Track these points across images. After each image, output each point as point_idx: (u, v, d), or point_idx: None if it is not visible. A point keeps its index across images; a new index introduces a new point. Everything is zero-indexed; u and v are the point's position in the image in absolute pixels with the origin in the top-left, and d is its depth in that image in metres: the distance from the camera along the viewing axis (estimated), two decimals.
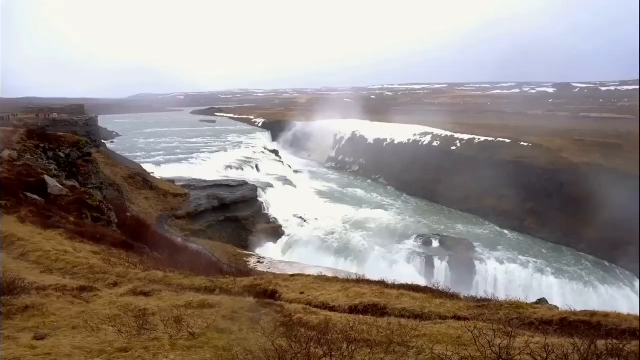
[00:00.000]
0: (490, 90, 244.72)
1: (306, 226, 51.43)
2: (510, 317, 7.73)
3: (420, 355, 5.39)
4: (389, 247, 45.55)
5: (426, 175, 71.47)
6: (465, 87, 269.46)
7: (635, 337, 6.60)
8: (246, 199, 49.57)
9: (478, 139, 71.78)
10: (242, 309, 8.18)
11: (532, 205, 55.84)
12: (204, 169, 62.30)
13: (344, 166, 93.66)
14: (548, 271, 42.44)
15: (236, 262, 31.04)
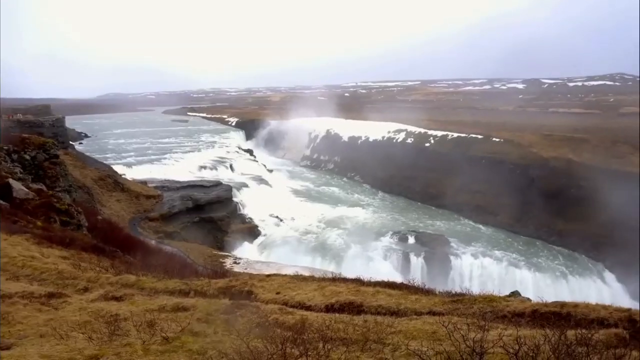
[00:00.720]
0: (462, 87, 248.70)
1: (282, 226, 51.26)
2: (484, 311, 7.85)
3: (396, 352, 5.42)
4: (366, 244, 45.77)
5: (401, 172, 72.18)
6: (438, 84, 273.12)
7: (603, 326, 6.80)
8: (221, 200, 49.08)
9: (451, 136, 72.85)
10: (217, 311, 8.09)
11: (505, 200, 56.98)
12: (177, 170, 61.40)
13: (319, 164, 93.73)
14: (522, 265, 43.37)
15: (212, 264, 30.67)
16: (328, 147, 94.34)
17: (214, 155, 75.37)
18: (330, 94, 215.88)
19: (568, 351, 4.34)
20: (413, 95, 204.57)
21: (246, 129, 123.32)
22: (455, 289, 11.63)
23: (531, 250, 47.92)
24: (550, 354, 4.38)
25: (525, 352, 4.33)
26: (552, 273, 42.54)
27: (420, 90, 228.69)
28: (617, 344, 5.60)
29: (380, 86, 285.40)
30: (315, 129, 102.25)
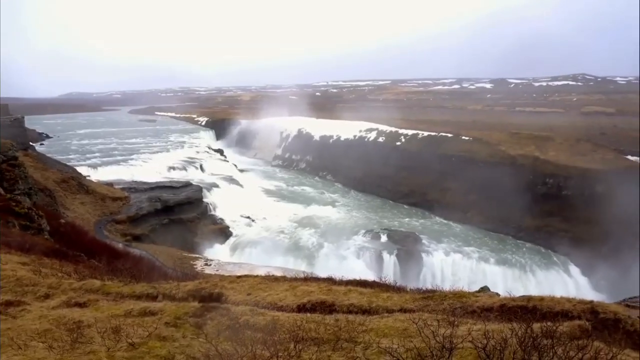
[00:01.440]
0: (431, 87, 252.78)
1: (254, 226, 50.91)
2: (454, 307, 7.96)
3: (367, 350, 5.41)
4: (339, 243, 45.91)
5: (373, 171, 72.73)
6: (408, 84, 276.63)
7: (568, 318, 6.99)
8: (191, 201, 48.37)
9: (422, 134, 73.85)
10: (186, 314, 7.96)
11: (474, 197, 58.15)
12: (145, 171, 60.18)
13: (291, 164, 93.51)
14: (491, 260, 44.29)
15: (182, 266, 30.19)
16: (300, 146, 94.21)
17: (184, 156, 74.27)
18: (302, 93, 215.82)
19: (534, 344, 4.41)
20: (384, 95, 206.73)
21: (216, 128, 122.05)
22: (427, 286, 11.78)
23: (500, 246, 49.01)
24: (517, 347, 4.44)
25: (493, 346, 4.38)
26: (520, 268, 43.63)
27: (391, 90, 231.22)
28: (581, 335, 5.75)
29: (352, 85, 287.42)
30: (287, 129, 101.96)
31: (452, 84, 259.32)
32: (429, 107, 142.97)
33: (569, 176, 52.67)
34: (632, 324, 7.65)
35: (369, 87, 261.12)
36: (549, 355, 4.35)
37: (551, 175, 53.90)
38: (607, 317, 7.88)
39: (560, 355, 4.38)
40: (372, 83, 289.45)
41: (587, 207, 49.38)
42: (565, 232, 48.88)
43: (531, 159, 57.55)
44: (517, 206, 53.06)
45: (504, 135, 67.17)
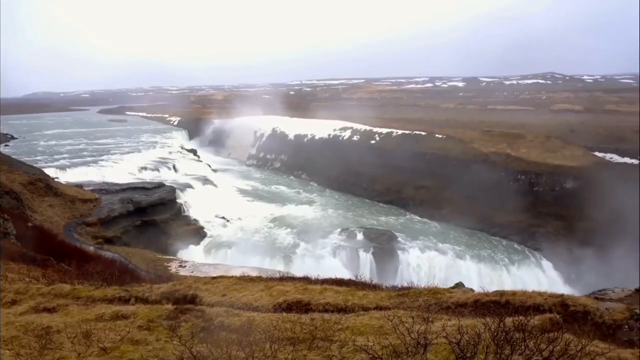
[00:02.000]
0: (405, 85, 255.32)
1: (229, 226, 50.47)
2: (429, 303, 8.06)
3: (343, 349, 5.42)
4: (315, 242, 45.94)
5: (348, 169, 73.03)
6: (382, 82, 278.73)
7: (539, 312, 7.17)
8: (164, 201, 47.64)
9: (396, 133, 74.52)
10: (160, 317, 7.87)
11: (448, 194, 59.00)
12: (116, 172, 58.96)
13: (265, 163, 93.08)
14: (466, 256, 44.99)
15: (156, 268, 29.70)
16: (274, 145, 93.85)
17: (156, 156, 73.11)
18: (276, 92, 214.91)
19: (506, 338, 4.49)
20: (358, 93, 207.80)
21: (189, 128, 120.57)
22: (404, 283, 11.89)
23: (475, 242, 49.82)
24: (490, 341, 4.52)
25: (467, 341, 4.44)
26: (494, 263, 44.48)
27: (365, 88, 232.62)
28: (551, 328, 5.90)
29: (326, 84, 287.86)
30: (261, 128, 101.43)
31: (425, 83, 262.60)
32: (403, 106, 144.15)
33: (540, 173, 54.02)
34: (601, 316, 7.89)
35: (343, 86, 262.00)
36: (521, 348, 4.44)
37: (523, 172, 55.16)
38: (577, 310, 8.11)
39: (531, 348, 4.48)
40: (346, 82, 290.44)
41: (557, 202, 50.81)
42: (537, 228, 50.09)
43: (503, 156, 58.74)
44: (491, 203, 54.10)
45: (477, 133, 68.30)
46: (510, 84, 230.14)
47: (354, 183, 70.74)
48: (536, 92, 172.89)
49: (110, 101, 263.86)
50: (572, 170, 52.24)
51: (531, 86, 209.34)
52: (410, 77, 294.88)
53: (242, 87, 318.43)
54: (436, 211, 58.32)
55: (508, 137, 64.15)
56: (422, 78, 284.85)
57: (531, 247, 48.65)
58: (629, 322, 7.72)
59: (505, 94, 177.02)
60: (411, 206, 61.37)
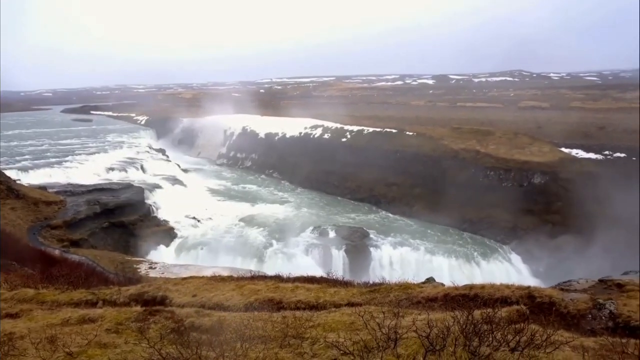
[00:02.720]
0: (375, 83, 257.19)
1: (200, 226, 49.83)
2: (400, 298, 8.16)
3: (314, 345, 5.43)
4: (287, 241, 45.86)
5: (319, 167, 73.13)
6: (352, 80, 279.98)
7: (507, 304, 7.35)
8: (132, 202, 46.66)
9: (367, 130, 74.99)
10: (128, 319, 7.74)
11: (419, 191, 59.77)
12: (82, 173, 57.36)
13: (236, 162, 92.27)
14: (437, 252, 45.60)
15: (124, 270, 29.06)
16: (245, 144, 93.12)
17: (123, 156, 71.48)
18: (245, 90, 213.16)
19: (475, 330, 4.59)
20: (328, 91, 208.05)
21: (157, 127, 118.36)
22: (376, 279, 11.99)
23: (445, 237, 50.53)
24: (459, 333, 4.61)
25: (436, 334, 4.51)
26: (465, 258, 45.22)
27: (336, 86, 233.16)
28: (518, 319, 6.06)
29: (296, 82, 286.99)
30: (231, 127, 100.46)
31: (396, 80, 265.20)
32: (374, 103, 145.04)
33: (508, 169, 55.26)
34: (566, 306, 8.15)
35: (314, 84, 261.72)
36: (489, 339, 4.55)
37: (492, 168, 56.33)
38: (543, 301, 8.36)
39: (499, 339, 4.59)
40: (316, 79, 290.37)
41: (526, 197, 52.10)
42: (506, 222, 51.22)
43: (473, 152, 59.77)
44: (461, 199, 55.07)
45: (446, 130, 69.35)
46: (479, 81, 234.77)
47: (325, 181, 70.90)
48: (504, 90, 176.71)
49: (74, 100, 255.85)
50: (539, 166, 53.69)
51: (499, 84, 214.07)
52: (380, 75, 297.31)
53: (211, 86, 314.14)
54: (407, 208, 59.01)
55: (477, 134, 65.34)
56: (393, 75, 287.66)
57: (500, 241, 49.75)
58: (592, 312, 8.01)
59: (474, 92, 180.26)
60: (383, 203, 61.92)
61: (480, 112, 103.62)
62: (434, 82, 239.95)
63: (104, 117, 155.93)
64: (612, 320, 7.70)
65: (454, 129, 68.96)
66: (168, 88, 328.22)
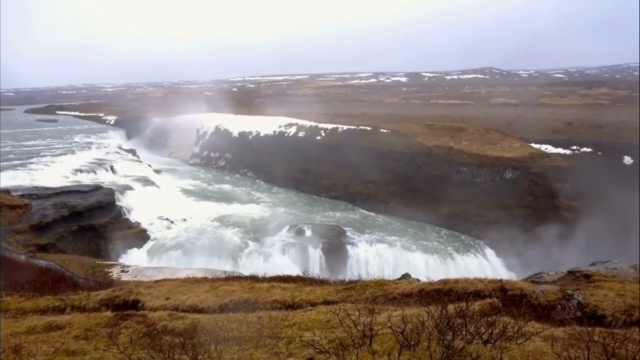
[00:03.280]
0: (349, 80, 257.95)
1: (174, 228, 49.01)
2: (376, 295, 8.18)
3: (290, 345, 5.39)
4: (263, 240, 45.58)
5: (294, 166, 72.95)
6: (326, 78, 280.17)
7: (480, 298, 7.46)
8: (102, 205, 45.50)
9: (341, 128, 75.11)
10: (98, 325, 7.54)
11: (394, 188, 60.27)
12: (48, 175, 55.52)
13: (209, 162, 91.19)
14: (413, 248, 46.00)
15: (95, 275, 28.31)
16: (218, 143, 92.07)
17: (92, 157, 69.65)
18: (218, 89, 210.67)
19: (449, 324, 4.63)
20: (302, 89, 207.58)
21: (127, 127, 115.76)
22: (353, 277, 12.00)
23: (421, 233, 51.01)
24: (433, 328, 4.63)
25: (411, 330, 4.53)
26: (440, 253, 45.79)
27: (309, 84, 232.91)
28: (490, 312, 6.15)
29: (269, 80, 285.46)
30: (204, 126, 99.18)
31: (369, 78, 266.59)
32: (348, 101, 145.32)
33: (481, 164, 56.24)
34: (536, 298, 8.33)
35: (287, 82, 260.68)
36: (462, 333, 4.58)
37: (465, 164, 57.23)
38: (515, 294, 8.52)
39: (472, 332, 4.64)
40: (290, 78, 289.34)
41: (498, 192, 53.19)
42: (480, 217, 52.15)
43: (446, 149, 60.58)
44: (435, 195, 55.81)
45: (420, 127, 70.05)
46: (451, 78, 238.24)
47: (300, 180, 70.79)
48: (476, 87, 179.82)
49: (39, 100, 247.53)
50: (510, 162, 54.83)
51: (471, 81, 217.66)
52: (354, 73, 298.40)
53: (182, 84, 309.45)
54: (383, 205, 59.44)
55: (450, 131, 66.26)
56: (366, 73, 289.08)
57: (475, 236, 50.60)
58: (561, 302, 8.20)
59: (446, 89, 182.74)
60: (359, 201, 62.21)
61: (453, 109, 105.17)
62: (407, 80, 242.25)
63: (71, 118, 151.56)
64: (580, 310, 7.91)
65: (428, 126, 69.76)
66: (138, 87, 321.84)
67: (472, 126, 67.80)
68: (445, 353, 4.36)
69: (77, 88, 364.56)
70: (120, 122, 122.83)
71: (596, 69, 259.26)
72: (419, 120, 75.55)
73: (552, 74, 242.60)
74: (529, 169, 53.15)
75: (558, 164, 53.05)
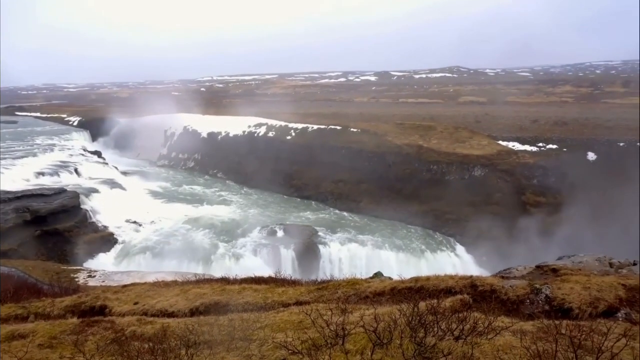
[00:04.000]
0: (318, 80, 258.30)
1: (142, 230, 47.96)
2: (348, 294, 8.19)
3: (262, 347, 5.33)
4: (234, 242, 45.11)
5: (264, 166, 72.47)
6: (296, 77, 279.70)
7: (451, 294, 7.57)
8: (67, 208, 44.13)
9: (311, 127, 75.07)
10: (64, 332, 7.29)
11: (365, 186, 60.60)
12: (8, 178, 53.24)
13: (178, 163, 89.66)
14: (385, 246, 46.24)
15: (60, 281, 27.42)
16: (187, 144, 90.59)
17: (55, 160, 67.34)
18: (186, 89, 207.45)
19: (420, 321, 4.67)
20: (272, 89, 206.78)
21: (92, 128, 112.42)
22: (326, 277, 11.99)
23: (393, 232, 51.35)
24: (405, 326, 4.67)
25: (383, 328, 4.54)
26: (412, 251, 46.25)
27: (279, 84, 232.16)
28: (462, 308, 6.24)
29: (238, 80, 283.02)
30: (172, 126, 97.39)
31: (339, 77, 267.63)
32: (318, 100, 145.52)
33: (450, 162, 57.22)
34: (506, 293, 8.51)
35: (256, 82, 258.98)
36: (434, 330, 4.63)
37: (435, 162, 58.11)
38: (485, 289, 8.67)
39: (443, 329, 4.69)
40: (259, 77, 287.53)
41: (467, 189, 54.25)
42: (450, 214, 53.03)
43: (416, 147, 61.35)
44: (406, 193, 56.48)
45: (390, 126, 70.72)
46: (419, 77, 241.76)
47: (271, 180, 70.38)
48: (444, 85, 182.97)
49: None
50: (479, 159, 56.03)
51: (439, 79, 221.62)
52: (323, 72, 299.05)
53: (148, 84, 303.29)
54: (355, 204, 59.71)
55: (420, 129, 67.14)
56: (336, 73, 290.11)
57: (445, 233, 51.35)
58: (529, 297, 8.41)
59: (415, 88, 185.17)
60: (330, 200, 62.33)
61: (422, 108, 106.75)
62: (376, 79, 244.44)
63: (31, 119, 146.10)
64: (548, 303, 8.12)
65: (397, 125, 70.49)
66: (102, 87, 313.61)
67: (441, 124, 68.94)
68: (417, 350, 4.40)
69: (38, 88, 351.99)
70: (85, 123, 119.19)
71: (560, 67, 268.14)
72: (389, 119, 76.32)
73: (517, 72, 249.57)
74: (497, 166, 54.44)
75: (525, 161, 54.57)
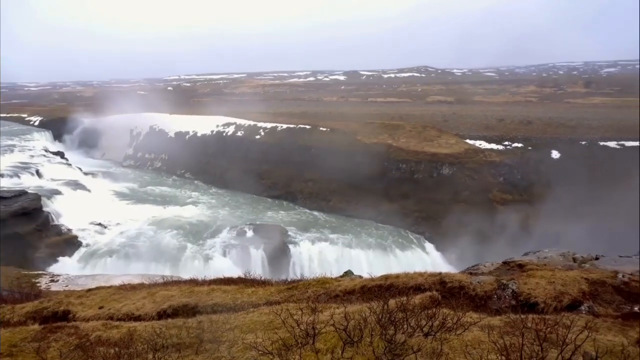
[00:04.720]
0: (287, 79, 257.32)
1: (108, 233, 46.76)
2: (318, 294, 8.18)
3: (232, 348, 5.27)
4: (203, 243, 44.53)
5: (233, 166, 71.76)
6: (264, 76, 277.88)
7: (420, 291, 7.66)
8: (27, 211, 42.56)
9: (281, 127, 74.75)
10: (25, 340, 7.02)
11: (335, 186, 60.77)
12: None
13: (144, 163, 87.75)
14: (355, 245, 46.58)
15: (21, 286, 26.42)
16: (153, 144, 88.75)
17: (14, 161, 64.91)
18: (152, 88, 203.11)
19: (390, 319, 4.70)
20: (240, 88, 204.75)
21: (54, 128, 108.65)
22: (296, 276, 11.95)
23: (363, 230, 51.75)
24: (375, 323, 4.69)
25: (354, 326, 4.55)
26: (382, 249, 46.69)
27: (247, 83, 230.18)
28: (431, 305, 6.33)
29: (206, 79, 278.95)
30: (138, 126, 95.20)
31: (308, 77, 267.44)
32: (287, 100, 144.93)
33: (419, 161, 57.96)
34: (474, 289, 8.68)
35: (224, 81, 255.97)
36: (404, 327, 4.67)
37: (404, 160, 58.77)
38: (454, 286, 8.82)
39: (413, 325, 4.74)
40: (227, 76, 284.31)
41: (436, 188, 55.09)
42: (419, 212, 53.77)
43: (385, 146, 61.83)
44: (375, 191, 56.90)
45: (359, 125, 71.02)
46: (388, 77, 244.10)
47: (240, 180, 69.70)
48: (412, 85, 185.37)
49: None
50: (447, 158, 56.96)
51: (407, 79, 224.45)
52: (292, 71, 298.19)
53: (113, 83, 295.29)
54: (325, 203, 59.86)
55: (389, 128, 67.68)
56: (305, 72, 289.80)
57: (415, 231, 52.04)
58: (497, 292, 8.60)
59: (384, 87, 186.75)
60: (300, 199, 62.26)
61: (391, 107, 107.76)
62: (345, 78, 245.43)
63: None
64: (514, 298, 8.33)
65: (367, 124, 70.91)
66: (65, 86, 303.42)
67: (410, 123, 69.76)
68: (387, 347, 4.43)
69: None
70: (46, 123, 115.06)
71: (524, 68, 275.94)
72: (358, 118, 76.69)
73: (483, 72, 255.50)
74: (464, 165, 55.53)
75: (492, 159, 55.84)
